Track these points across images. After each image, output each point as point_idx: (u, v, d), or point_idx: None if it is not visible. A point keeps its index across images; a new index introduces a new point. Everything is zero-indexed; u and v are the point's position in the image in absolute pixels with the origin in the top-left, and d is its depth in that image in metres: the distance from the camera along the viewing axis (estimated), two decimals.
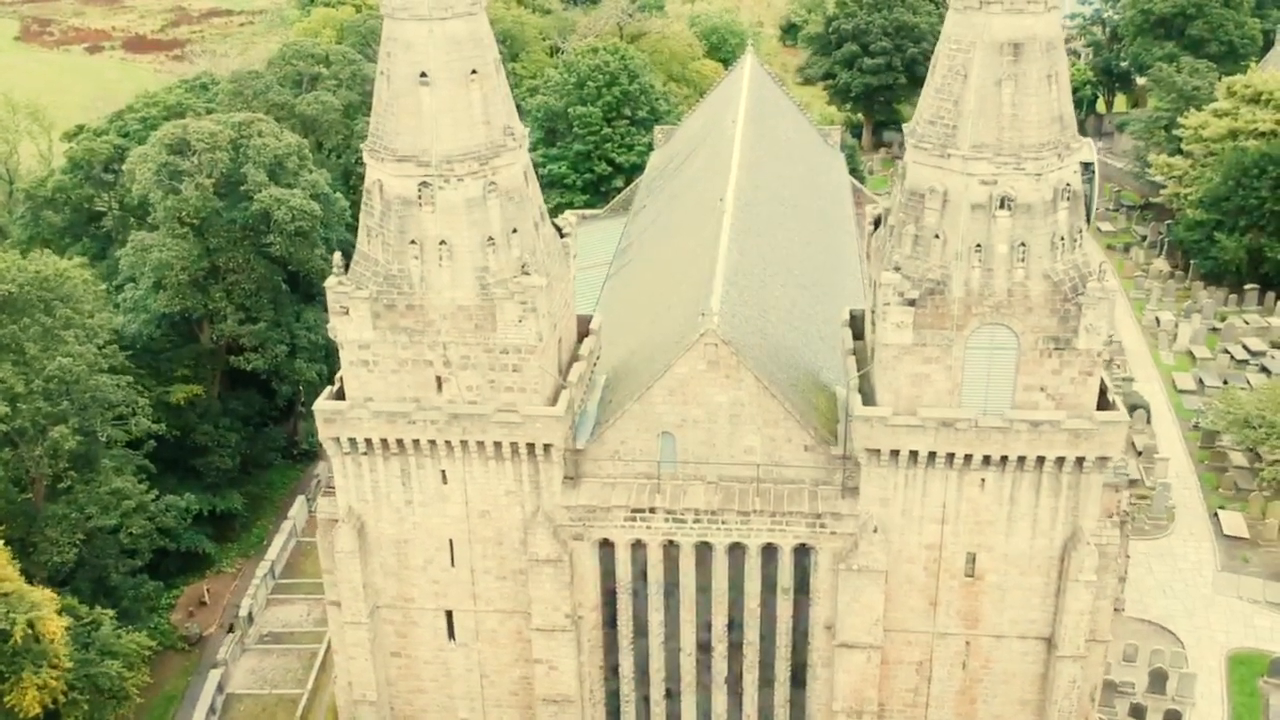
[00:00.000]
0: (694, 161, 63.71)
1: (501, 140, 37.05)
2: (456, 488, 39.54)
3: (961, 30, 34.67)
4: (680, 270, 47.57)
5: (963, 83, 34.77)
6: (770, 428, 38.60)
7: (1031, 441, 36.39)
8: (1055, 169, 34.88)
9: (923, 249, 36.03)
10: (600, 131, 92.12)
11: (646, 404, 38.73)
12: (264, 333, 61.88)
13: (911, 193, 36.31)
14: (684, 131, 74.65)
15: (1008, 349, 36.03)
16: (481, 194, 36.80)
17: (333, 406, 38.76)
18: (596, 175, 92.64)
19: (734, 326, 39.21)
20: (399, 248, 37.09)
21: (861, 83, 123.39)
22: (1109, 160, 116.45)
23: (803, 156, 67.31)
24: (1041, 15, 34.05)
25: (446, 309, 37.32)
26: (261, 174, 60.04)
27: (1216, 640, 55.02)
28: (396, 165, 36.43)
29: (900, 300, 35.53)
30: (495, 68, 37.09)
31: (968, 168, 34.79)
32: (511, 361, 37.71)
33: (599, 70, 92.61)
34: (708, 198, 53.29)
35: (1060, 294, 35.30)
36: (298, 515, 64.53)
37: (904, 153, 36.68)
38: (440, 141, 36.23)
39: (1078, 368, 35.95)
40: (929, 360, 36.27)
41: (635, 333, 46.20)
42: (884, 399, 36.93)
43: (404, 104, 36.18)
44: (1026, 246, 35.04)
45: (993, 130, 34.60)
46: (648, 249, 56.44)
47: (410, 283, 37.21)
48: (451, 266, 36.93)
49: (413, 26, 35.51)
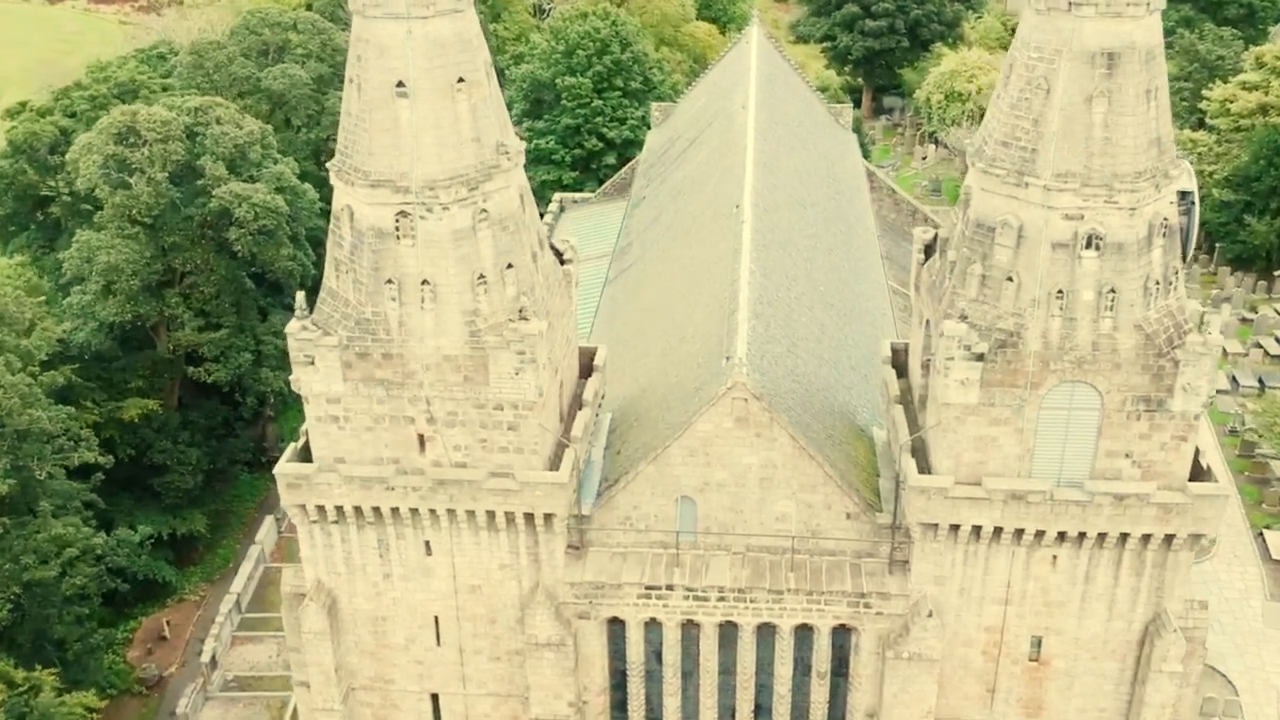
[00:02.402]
0: (700, 150, 57.86)
1: (494, 160, 31.32)
2: (443, 560, 34.20)
3: (1044, 36, 29.03)
4: (694, 291, 41.99)
5: (1045, 98, 29.19)
6: (807, 493, 33.35)
7: (1114, 517, 31.29)
8: (1151, 201, 29.47)
9: (992, 292, 30.62)
10: (590, 104, 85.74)
11: (663, 465, 33.39)
12: (226, 340, 56.12)
13: (979, 225, 30.82)
14: (685, 110, 68.63)
15: (1089, 410, 30.79)
16: (471, 224, 31.13)
17: (297, 470, 33.24)
18: (587, 151, 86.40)
19: (764, 373, 33.82)
20: (373, 287, 31.42)
21: (862, 46, 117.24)
22: None
23: (817, 144, 61.54)
24: (1142, 19, 28.47)
25: (430, 358, 31.76)
26: (220, 166, 53.97)
27: (1273, 683, 50.51)
28: (369, 191, 30.69)
29: (966, 355, 30.18)
30: (486, 74, 31.26)
31: (1049, 199, 29.32)
32: (506, 419, 32.24)
33: (589, 38, 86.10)
34: (721, 200, 47.63)
35: (1154, 348, 30.01)
36: (266, 538, 59.13)
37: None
38: (421, 163, 30.47)
39: (1170, 432, 30.77)
40: (997, 422, 31.01)
41: (644, 363, 40.73)
42: (943, 465, 31.69)
43: (378, 118, 30.36)
44: (1116, 293, 29.67)
45: (1080, 156, 29.09)
46: (653, 255, 50.77)
47: (387, 328, 31.60)
48: (436, 309, 31.33)
49: (387, 27, 29.62)
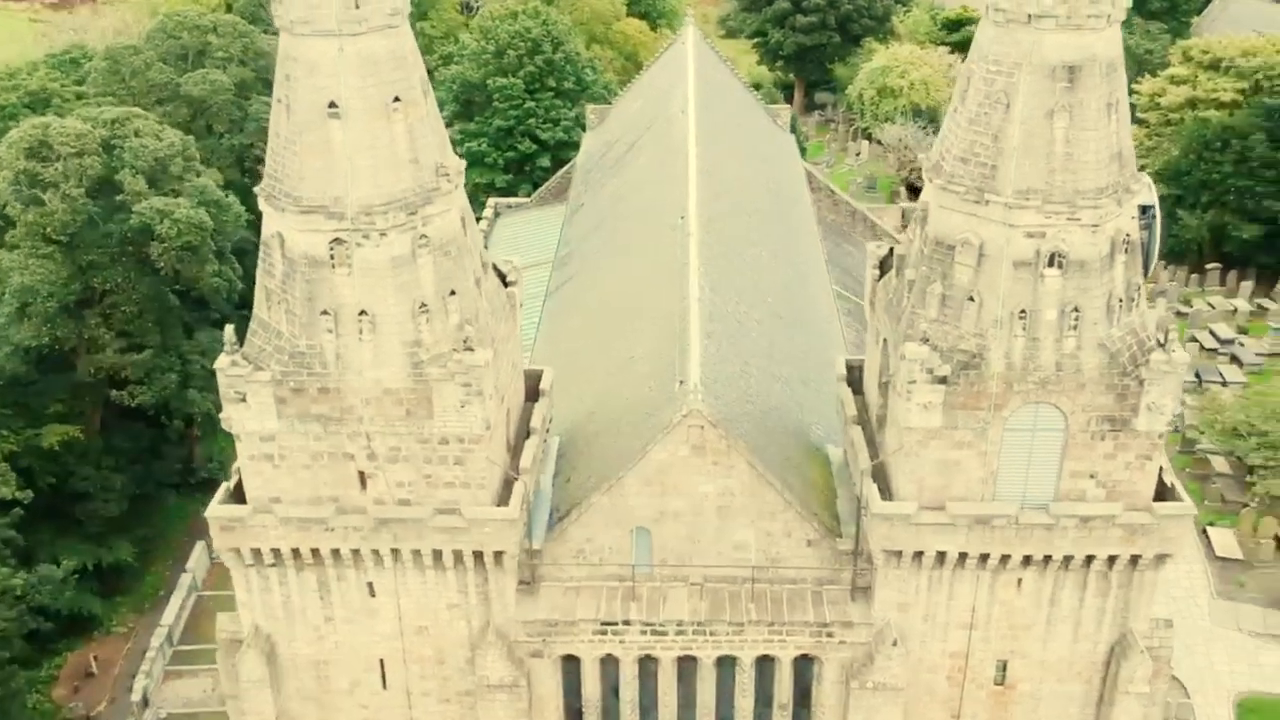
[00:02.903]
0: (639, 155, 56.58)
1: (433, 182, 29.75)
2: (387, 601, 32.62)
3: (1002, 48, 28.16)
4: (641, 307, 40.73)
5: (1004, 113, 28.32)
6: (766, 521, 32.29)
7: (1080, 539, 30.62)
8: (1114, 217, 28.76)
9: (953, 312, 29.73)
10: (523, 105, 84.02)
11: (617, 495, 32.11)
12: (150, 361, 53.67)
13: (937, 243, 29.91)
14: (621, 113, 67.25)
15: (1054, 431, 30.06)
16: (410, 250, 29.54)
17: (230, 512, 31.47)
18: (520, 153, 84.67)
19: (718, 397, 32.68)
20: (307, 319, 29.71)
21: (794, 42, 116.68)
22: None
23: (757, 147, 60.59)
24: (1103, 31, 27.70)
25: (370, 392, 30.15)
26: (140, 181, 51.52)
27: (1223, 684, 50.62)
28: (301, 217, 28.97)
29: (929, 378, 29.26)
30: (423, 92, 29.67)
31: (1010, 217, 28.48)
32: (452, 453, 30.72)
33: (519, 37, 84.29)
34: (664, 209, 46.40)
35: (1118, 367, 29.33)
36: (197, 565, 56.85)
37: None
38: (357, 187, 28.82)
39: (1135, 452, 30.14)
40: (960, 445, 30.16)
41: (591, 383, 39.39)
42: (905, 490, 30.77)
43: (309, 141, 28.65)
44: (1079, 311, 28.93)
45: (1042, 172, 28.27)
46: (595, 267, 49.40)
47: (323, 361, 29.91)
48: (375, 341, 29.71)
49: (317, 44, 27.91)
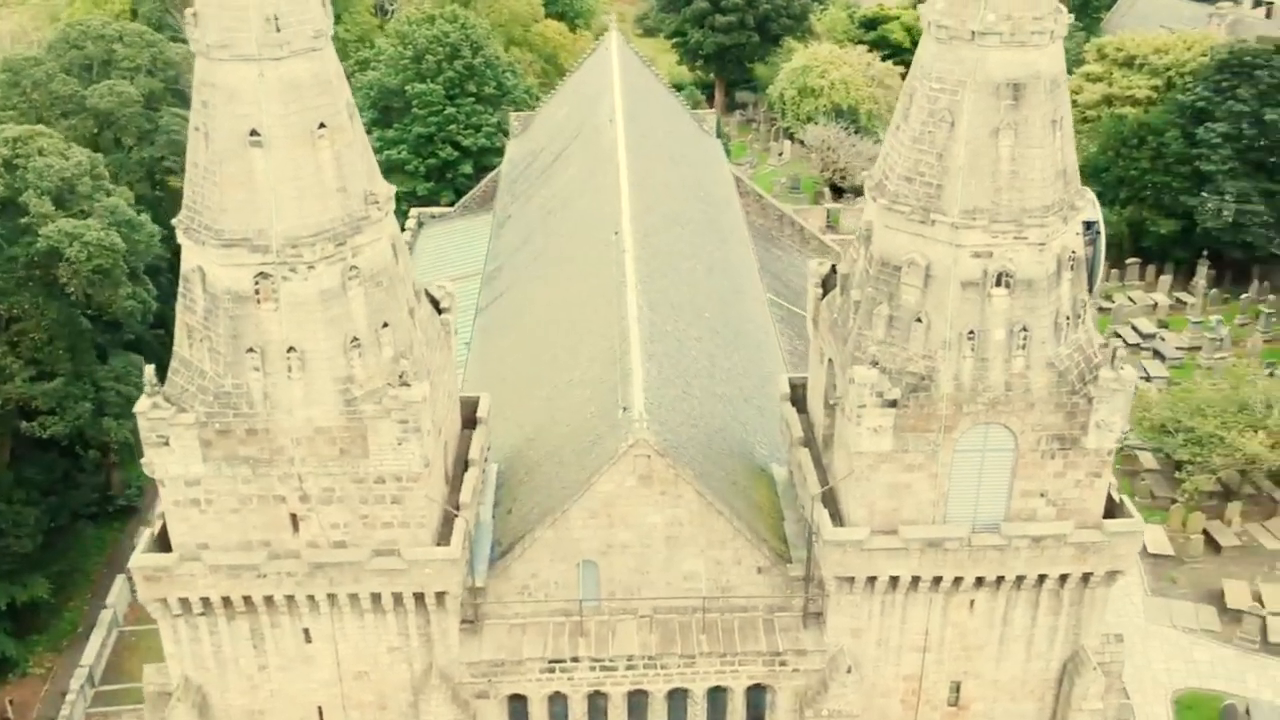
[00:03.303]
0: (567, 165, 55.56)
1: (362, 211, 28.48)
2: (324, 647, 31.27)
3: (946, 66, 27.66)
4: (578, 327, 39.75)
5: (949, 132, 27.85)
6: (716, 549, 31.55)
7: (1032, 559, 30.34)
8: (1059, 234, 28.47)
9: (900, 334, 29.22)
10: (443, 111, 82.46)
11: (562, 529, 31.13)
12: (62, 390, 51.37)
13: (883, 264, 29.37)
14: (546, 120, 66.16)
15: (1004, 451, 29.73)
16: (340, 283, 28.25)
17: (155, 562, 29.85)
18: (441, 160, 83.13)
19: (663, 423, 31.83)
20: (232, 356, 28.26)
21: (713, 42, 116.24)
22: None
23: (685, 154, 59.90)
24: (1046, 48, 27.35)
25: (300, 432, 28.78)
26: (46, 202, 49.24)
27: (1160, 681, 51.09)
28: (223, 251, 27.52)
29: (879, 401, 28.72)
30: (349, 116, 28.37)
31: (958, 237, 28.03)
32: (390, 492, 29.49)
33: (438, 42, 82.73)
34: (596, 223, 45.49)
35: (1066, 385, 29.06)
36: (117, 601, 54.60)
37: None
38: (282, 219, 27.46)
39: (1084, 469, 29.94)
40: (911, 468, 29.69)
41: (529, 408, 38.33)
42: (856, 515, 30.23)
43: (229, 171, 27.22)
44: (1028, 331, 28.59)
45: (988, 191, 27.87)
46: (527, 283, 48.26)
47: (250, 401, 28.49)
48: (305, 379, 28.36)
49: (237, 70, 26.50)
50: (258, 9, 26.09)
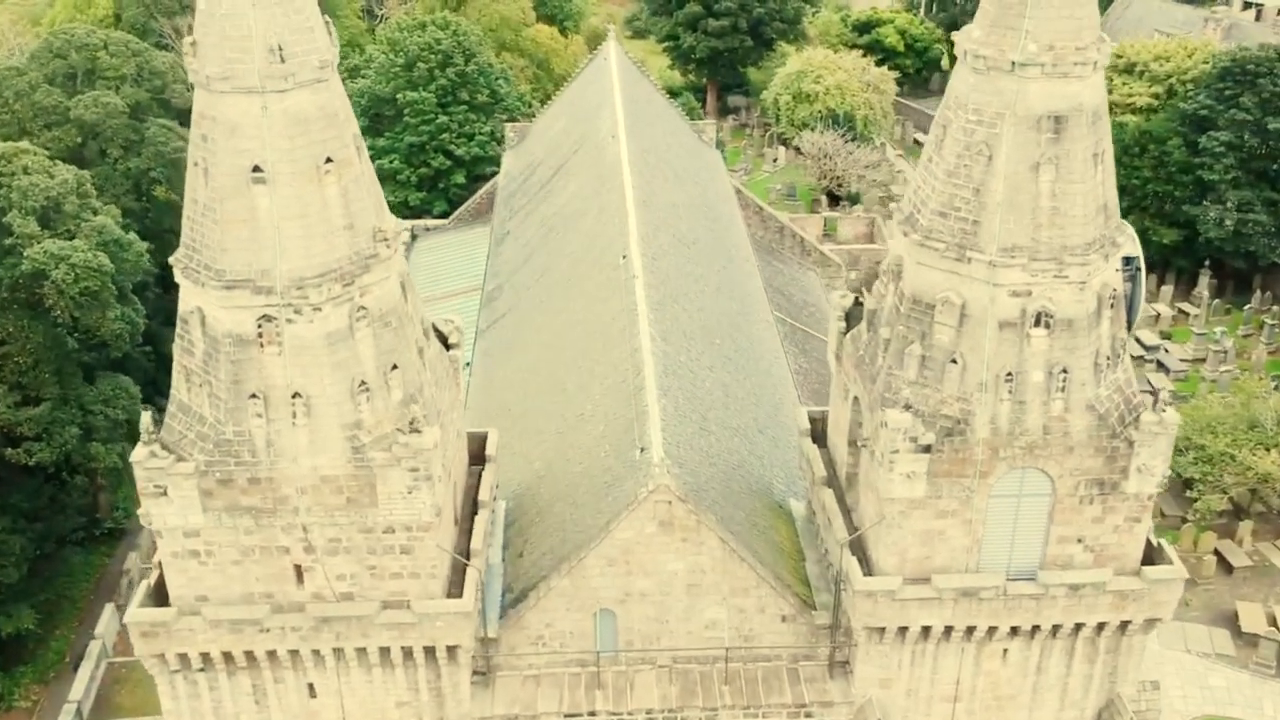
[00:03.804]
0: (568, 181, 54.19)
1: (371, 249, 27.09)
2: (330, 702, 29.88)
3: (983, 97, 26.41)
4: (587, 357, 38.40)
5: (986, 166, 26.62)
6: (739, 597, 30.28)
7: (1069, 608, 29.18)
8: (1100, 272, 27.28)
9: (933, 375, 27.98)
10: (435, 120, 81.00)
11: (579, 577, 29.81)
12: (48, 415, 49.66)
13: (915, 302, 28.13)
14: (544, 132, 64.75)
15: (1040, 496, 28.55)
16: (348, 325, 26.85)
17: (152, 616, 28.40)
18: (433, 169, 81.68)
19: (683, 465, 30.55)
20: (234, 403, 26.83)
21: (706, 46, 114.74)
22: None
23: (688, 169, 58.57)
24: (1089, 78, 26.15)
25: (306, 481, 27.38)
26: (31, 222, 47.57)
27: (1176, 709, 50.02)
28: (224, 293, 26.10)
29: (913, 446, 27.48)
30: (357, 149, 26.97)
31: (996, 276, 26.80)
32: (399, 542, 28.12)
33: (429, 49, 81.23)
34: (602, 245, 44.17)
35: (1107, 428, 27.88)
36: (106, 631, 52.97)
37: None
38: (286, 259, 26.05)
39: (1124, 514, 28.79)
40: (944, 514, 28.48)
41: (537, 442, 36.99)
42: (886, 562, 29.00)
43: (231, 209, 25.79)
44: (1067, 372, 27.39)
45: (1027, 228, 26.65)
46: (531, 306, 46.87)
47: (253, 449, 27.07)
48: (310, 426, 26.95)
49: (239, 103, 25.08)
50: (261, 39, 24.68)
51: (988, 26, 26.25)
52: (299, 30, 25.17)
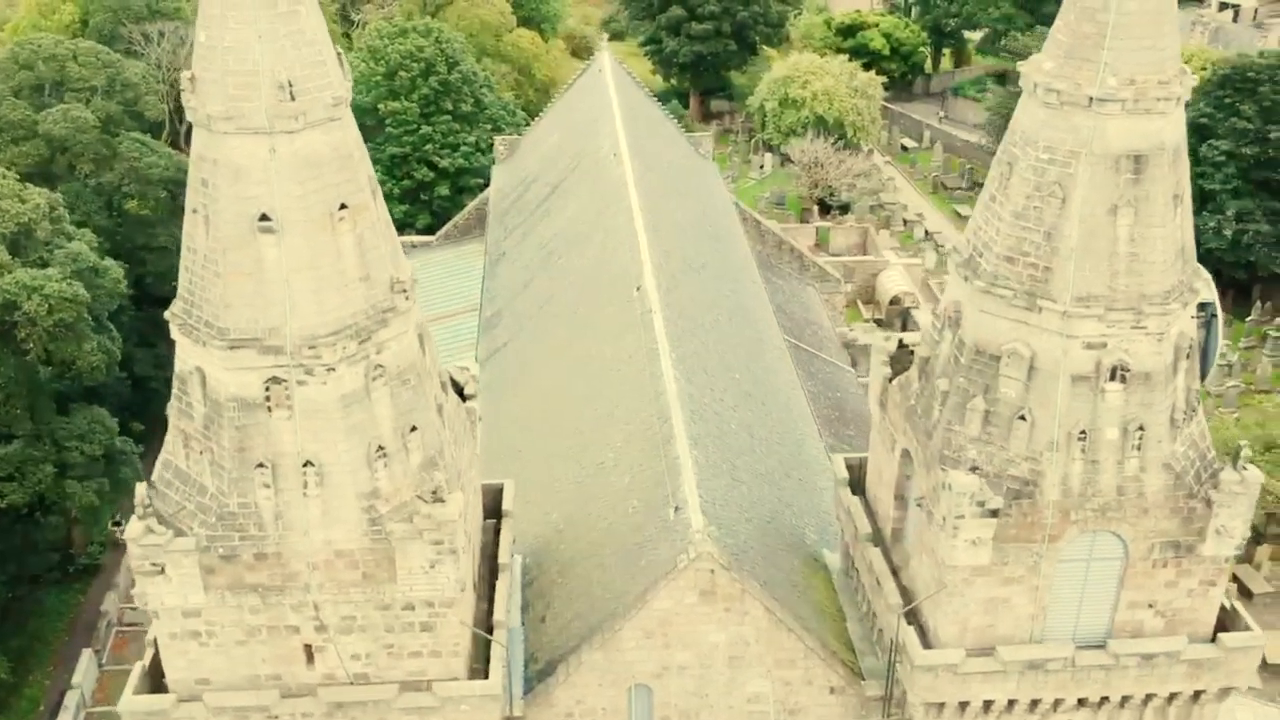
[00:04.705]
0: (567, 200, 51.84)
1: (388, 301, 24.69)
2: None
3: (1055, 134, 24.33)
4: (604, 399, 36.12)
5: (1059, 208, 24.54)
6: (784, 669, 28.11)
7: (1141, 678, 27.21)
8: (1178, 321, 25.30)
9: (999, 431, 25.89)
10: (418, 130, 78.63)
11: (613, 650, 27.54)
12: (21, 453, 46.93)
13: (977, 352, 26.03)
14: (536, 146, 62.35)
15: (1111, 560, 26.55)
16: (363, 385, 24.44)
17: (149, 705, 25.85)
18: (416, 181, 79.25)
19: (720, 524, 28.30)
20: (239, 472, 24.36)
21: (689, 50, 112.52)
22: (951, 130, 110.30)
23: (689, 186, 56.40)
24: (1171, 114, 24.16)
25: (318, 556, 24.95)
26: (1, 250, 44.76)
27: None
28: (228, 353, 23.61)
29: (979, 511, 25.38)
30: (372, 192, 24.55)
31: (1069, 327, 24.74)
32: (419, 619, 25.73)
33: (411, 58, 78.73)
34: (612, 273, 41.92)
35: (1184, 488, 25.92)
36: (84, 678, 50.11)
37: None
38: (297, 315, 23.61)
39: (1198, 578, 26.84)
40: (1009, 581, 26.41)
41: (554, 491, 34.67)
42: (947, 633, 26.89)
43: (235, 260, 23.31)
44: (1144, 429, 25.38)
45: (1104, 275, 24.61)
46: (535, 337, 44.50)
47: (259, 522, 24.61)
48: (323, 496, 24.53)
49: (244, 144, 22.60)
50: (269, 75, 22.23)
51: (1061, 58, 24.16)
52: (310, 64, 22.74)
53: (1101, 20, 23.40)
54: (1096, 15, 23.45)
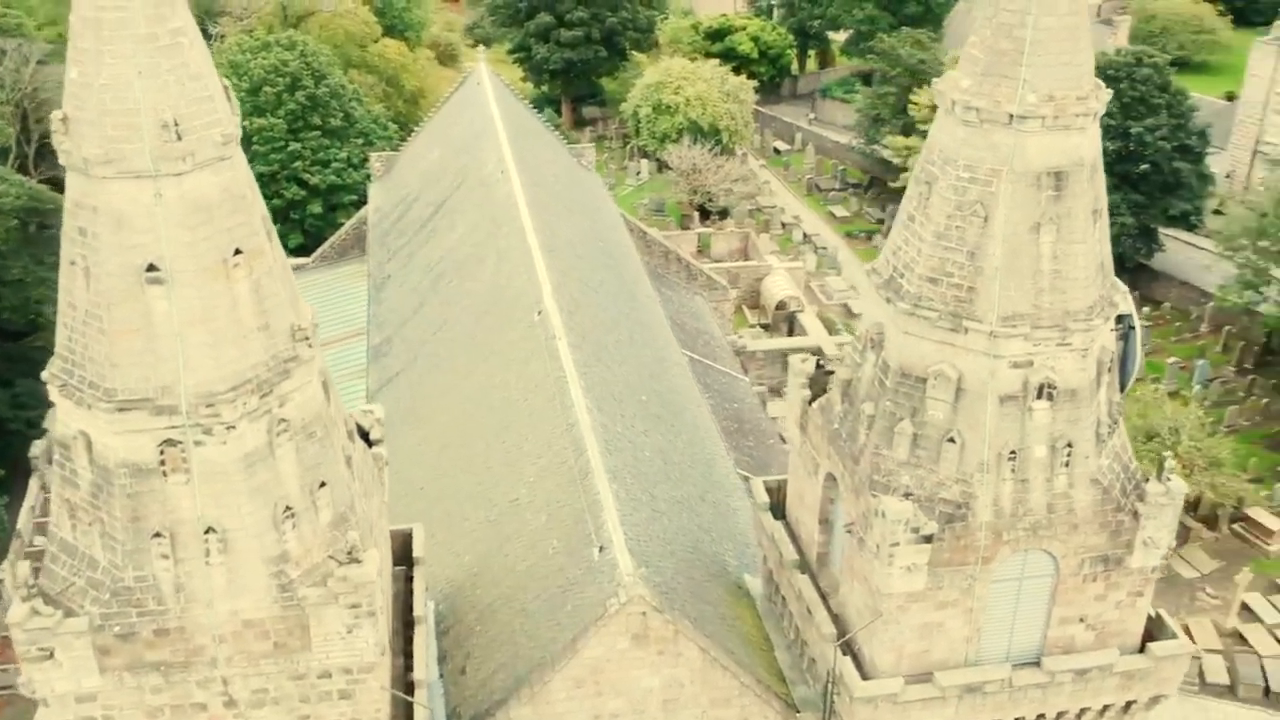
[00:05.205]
0: (455, 221, 50.20)
1: (290, 349, 23.02)
2: None
3: (975, 153, 23.98)
4: (511, 431, 34.76)
5: (982, 228, 24.19)
6: (720, 708, 27.25)
7: (1075, 693, 27.14)
8: (1100, 335, 25.23)
9: (928, 454, 25.46)
10: (286, 148, 75.75)
11: (542, 703, 26.28)
12: None
13: (903, 375, 25.56)
14: (415, 163, 60.43)
15: (1043, 577, 26.39)
16: (267, 442, 22.72)
17: None
18: (287, 200, 76.24)
19: (647, 563, 27.27)
20: (134, 544, 22.40)
21: (560, 57, 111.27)
22: (821, 131, 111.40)
23: (578, 201, 55.30)
24: (1088, 129, 24.02)
25: (225, 628, 23.12)
26: None
27: None
28: (117, 416, 21.66)
29: (914, 537, 24.90)
30: (268, 235, 22.85)
31: (996, 347, 24.42)
32: (337, 687, 24.08)
33: (276, 72, 75.86)
34: (509, 298, 40.55)
35: (1111, 502, 25.88)
36: None
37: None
38: (192, 371, 21.78)
39: (1126, 589, 26.92)
40: (944, 605, 26.02)
41: (463, 531, 33.21)
42: (883, 661, 26.37)
43: (121, 317, 21.39)
44: (1072, 445, 25.24)
45: (1029, 294, 24.35)
46: (430, 365, 42.81)
47: (159, 596, 22.68)
48: (227, 564, 22.73)
49: (126, 189, 20.72)
50: (151, 114, 20.41)
51: (978, 75, 23.82)
52: (196, 100, 21.00)
53: (1019, 36, 23.12)
54: (1014, 31, 23.17)
